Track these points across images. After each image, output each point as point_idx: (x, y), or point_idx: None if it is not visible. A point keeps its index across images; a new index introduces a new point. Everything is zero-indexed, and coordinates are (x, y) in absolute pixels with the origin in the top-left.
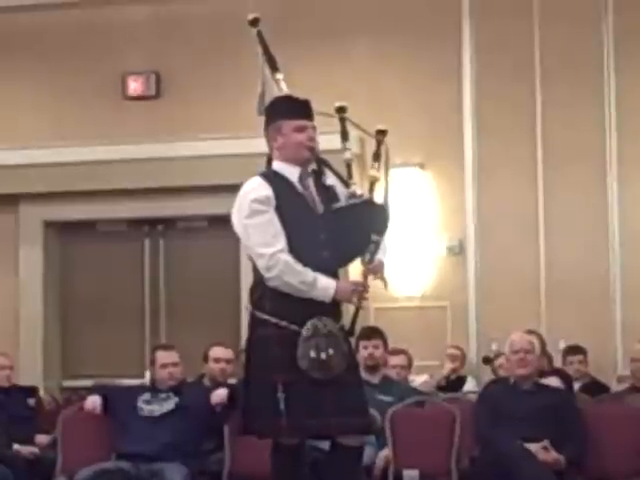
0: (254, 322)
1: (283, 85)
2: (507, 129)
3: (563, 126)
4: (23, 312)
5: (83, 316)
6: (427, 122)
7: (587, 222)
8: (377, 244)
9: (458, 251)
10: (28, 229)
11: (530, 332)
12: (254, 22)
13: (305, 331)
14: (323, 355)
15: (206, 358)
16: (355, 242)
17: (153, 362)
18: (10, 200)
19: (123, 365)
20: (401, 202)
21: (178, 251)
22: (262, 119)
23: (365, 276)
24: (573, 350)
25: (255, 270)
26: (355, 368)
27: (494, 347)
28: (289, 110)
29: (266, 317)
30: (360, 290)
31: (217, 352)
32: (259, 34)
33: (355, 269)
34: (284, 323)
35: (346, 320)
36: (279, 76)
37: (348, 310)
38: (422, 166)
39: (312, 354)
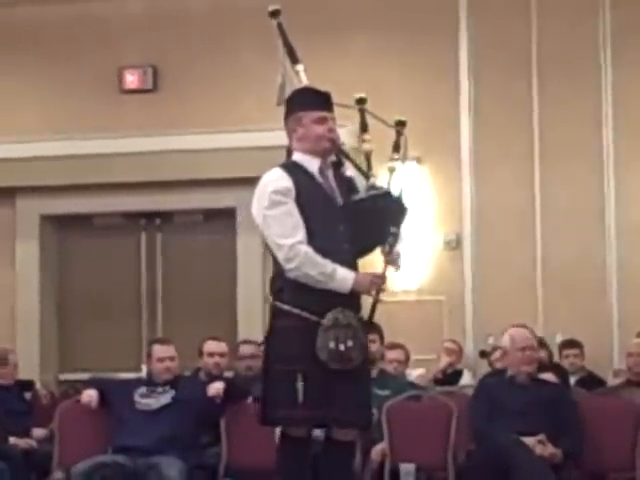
0: (274, 313)
1: (303, 76)
2: (504, 124)
3: (560, 122)
4: (20, 306)
5: (80, 310)
6: (424, 117)
7: (584, 217)
8: (396, 236)
9: (455, 245)
10: (25, 223)
11: (522, 326)
12: (275, 14)
13: (325, 322)
14: (342, 346)
15: (201, 352)
16: (374, 233)
17: (150, 356)
18: (7, 194)
19: (120, 359)
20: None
21: (175, 245)
22: (259, 113)
23: (384, 267)
24: (569, 344)
25: (275, 261)
26: (368, 362)
27: (491, 341)
28: (309, 102)
29: (286, 308)
30: (378, 282)
31: (211, 346)
32: (279, 26)
33: (369, 261)
34: (304, 314)
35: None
36: (299, 67)
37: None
38: (419, 161)
39: (331, 345)
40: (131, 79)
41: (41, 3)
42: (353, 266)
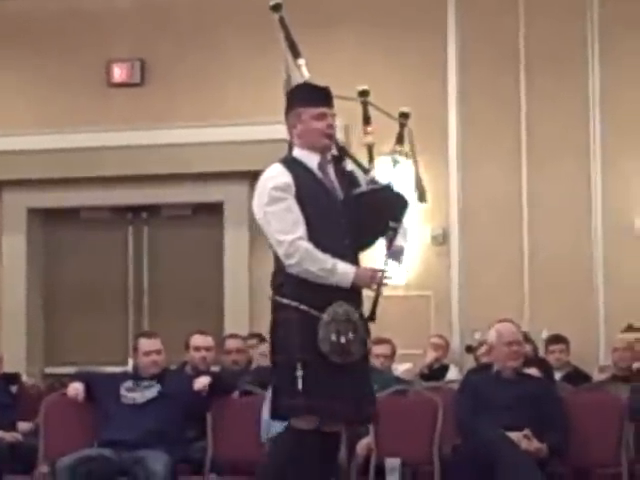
0: (275, 307)
1: (305, 70)
2: (491, 121)
3: (547, 118)
4: (6, 299)
5: (66, 303)
6: (412, 112)
7: (570, 213)
8: (395, 230)
9: (442, 241)
10: (11, 216)
11: (507, 321)
12: (276, 7)
13: (326, 316)
14: (343, 339)
15: (187, 346)
16: (375, 227)
17: (136, 350)
18: None
19: (106, 352)
20: None
21: (162, 239)
22: (247, 107)
23: (385, 262)
24: (555, 339)
25: (276, 257)
26: (368, 357)
27: (477, 336)
28: (308, 97)
29: (287, 302)
30: (379, 276)
31: (197, 340)
32: (281, 20)
33: (369, 256)
34: (305, 307)
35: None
36: (301, 62)
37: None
38: (407, 156)
39: (333, 337)
40: (119, 73)
41: None
42: (354, 261)
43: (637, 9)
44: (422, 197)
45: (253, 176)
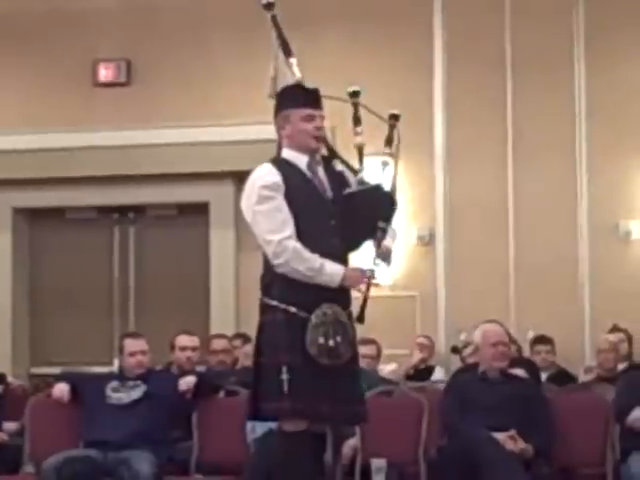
0: (263, 308)
1: (296, 69)
2: (478, 119)
3: (533, 117)
4: None
5: (52, 303)
6: (398, 111)
7: (557, 213)
8: (384, 230)
9: (428, 241)
10: None
11: (494, 322)
12: (268, 6)
13: (314, 318)
14: (331, 342)
15: (173, 347)
16: (364, 228)
17: (121, 350)
18: None
19: (92, 353)
20: None
21: (148, 239)
22: (233, 108)
23: (373, 263)
24: (541, 340)
25: (264, 257)
26: (357, 357)
27: (463, 337)
28: (297, 99)
29: (275, 303)
30: (367, 277)
31: (183, 340)
32: (273, 18)
33: (357, 256)
34: (293, 309)
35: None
36: (292, 60)
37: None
38: (392, 156)
39: (320, 340)
40: (105, 73)
41: None
42: (343, 261)
43: (623, 8)
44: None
45: (239, 176)
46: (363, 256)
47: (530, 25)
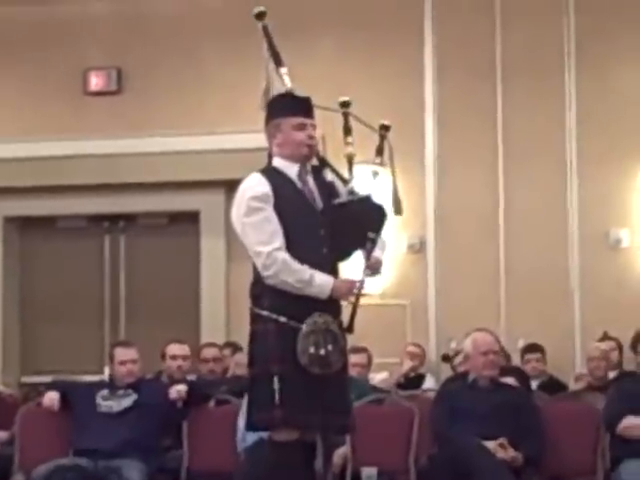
0: (254, 318)
1: (287, 79)
2: (468, 127)
3: (524, 124)
4: None
5: (42, 312)
6: (388, 119)
7: (547, 221)
8: (374, 241)
9: (418, 249)
10: None
11: (484, 330)
12: (260, 16)
13: (305, 327)
14: (322, 351)
15: (163, 355)
16: (353, 238)
17: (112, 359)
18: None
19: (82, 361)
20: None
21: (138, 247)
22: (224, 116)
23: (363, 273)
24: (531, 348)
25: (254, 268)
26: (347, 367)
27: (453, 345)
28: (289, 107)
29: (266, 313)
30: (357, 288)
31: (174, 349)
32: (264, 28)
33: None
34: (284, 319)
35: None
36: (283, 70)
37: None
38: (383, 165)
39: (311, 350)
40: (95, 81)
41: (5, 4)
42: (333, 271)
43: (614, 16)
44: (398, 210)
45: (230, 185)
46: (353, 266)
47: (521, 32)
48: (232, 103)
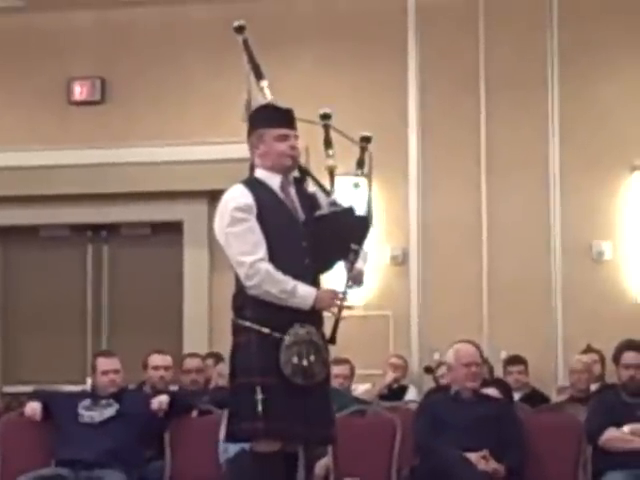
0: (236, 330)
1: (268, 92)
2: (452, 139)
3: (507, 137)
4: None
5: (24, 321)
6: (372, 131)
7: (530, 233)
8: (356, 252)
9: (401, 261)
10: None
11: (468, 342)
12: (240, 29)
13: (287, 338)
14: (305, 362)
15: (145, 366)
16: (335, 250)
17: (94, 369)
18: None
19: (64, 371)
20: None
21: (121, 257)
22: (207, 126)
23: (345, 285)
24: (513, 360)
25: (237, 278)
26: (329, 378)
27: (436, 357)
28: (271, 119)
29: (248, 324)
30: (339, 299)
31: (155, 360)
32: (245, 42)
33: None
34: (266, 330)
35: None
36: (264, 83)
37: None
38: (362, 175)
39: (294, 360)
40: (79, 90)
41: None
42: (315, 282)
43: (596, 32)
44: (369, 221)
45: (213, 195)
46: (335, 278)
47: (504, 46)
48: (216, 114)
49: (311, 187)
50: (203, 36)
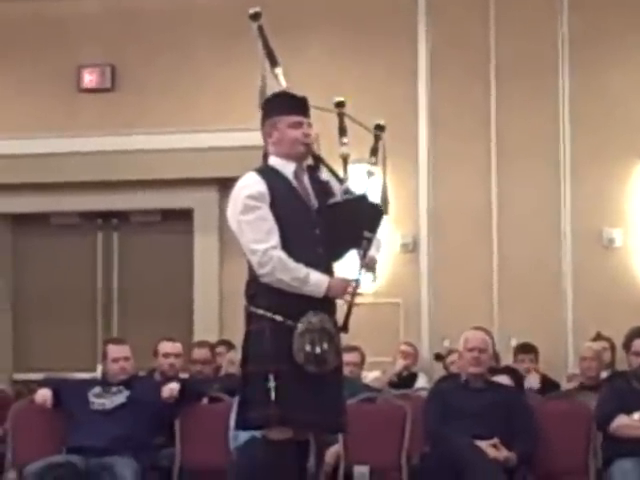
0: (249, 317)
1: (282, 79)
2: (461, 126)
3: (517, 125)
4: None
5: (35, 309)
6: (382, 119)
7: (540, 220)
8: (370, 240)
9: (412, 248)
10: None
11: (479, 329)
12: (255, 16)
13: (300, 326)
14: (318, 349)
15: (156, 353)
16: (349, 238)
17: (105, 356)
18: None
19: (75, 359)
20: None
21: (131, 245)
22: (217, 114)
23: (359, 273)
24: (524, 348)
25: (249, 266)
26: (341, 366)
27: (446, 344)
28: (285, 106)
29: (261, 312)
30: (352, 287)
31: (166, 347)
32: (260, 29)
33: (341, 265)
34: (279, 318)
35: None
36: (278, 70)
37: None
38: (375, 164)
39: (307, 348)
40: (89, 78)
41: None
42: (328, 270)
43: (607, 18)
44: (385, 210)
45: (223, 183)
46: (348, 266)
47: (514, 33)
48: (226, 101)
49: (324, 175)
50: (213, 23)
